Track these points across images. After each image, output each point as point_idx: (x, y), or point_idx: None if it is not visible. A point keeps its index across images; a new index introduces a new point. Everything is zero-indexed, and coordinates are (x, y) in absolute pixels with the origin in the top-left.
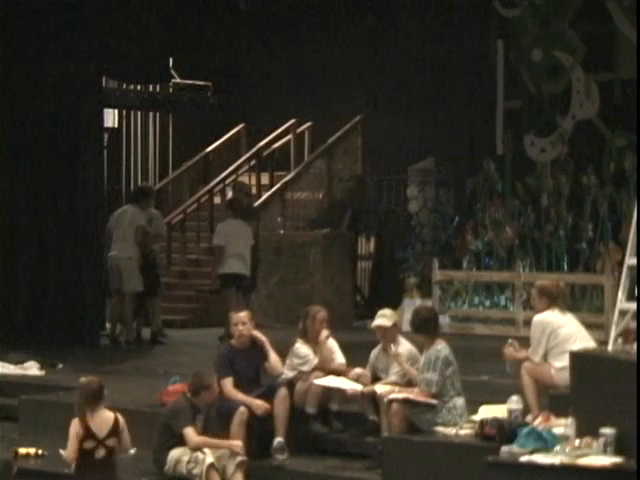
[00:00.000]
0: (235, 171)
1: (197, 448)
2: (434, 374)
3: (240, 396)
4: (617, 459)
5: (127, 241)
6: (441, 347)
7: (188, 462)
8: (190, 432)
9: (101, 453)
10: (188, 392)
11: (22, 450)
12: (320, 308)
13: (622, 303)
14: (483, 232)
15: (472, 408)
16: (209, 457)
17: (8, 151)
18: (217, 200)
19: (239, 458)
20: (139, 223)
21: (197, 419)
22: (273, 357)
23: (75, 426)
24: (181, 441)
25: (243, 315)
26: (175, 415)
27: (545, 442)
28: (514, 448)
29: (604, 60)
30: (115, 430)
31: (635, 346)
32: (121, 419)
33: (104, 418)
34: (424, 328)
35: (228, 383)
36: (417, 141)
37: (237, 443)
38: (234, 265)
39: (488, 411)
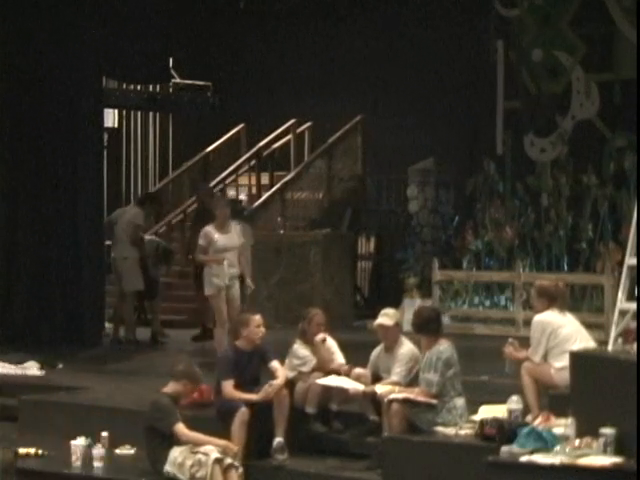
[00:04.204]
0: (235, 171)
1: (189, 442)
2: (435, 375)
3: (244, 396)
4: (617, 459)
5: (122, 242)
6: (443, 348)
7: (192, 466)
8: (180, 428)
9: None
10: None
11: (22, 450)
12: (318, 311)
13: (622, 303)
14: (483, 232)
15: (472, 408)
16: (214, 453)
17: (8, 151)
18: None
19: (229, 460)
20: (137, 222)
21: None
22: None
23: None
24: (176, 440)
25: (260, 317)
26: (161, 417)
27: (545, 442)
28: (514, 448)
29: (604, 60)
30: None
31: (635, 346)
32: None
33: None
34: (426, 328)
35: (229, 385)
36: (417, 141)
37: (231, 445)
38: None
39: (488, 411)
